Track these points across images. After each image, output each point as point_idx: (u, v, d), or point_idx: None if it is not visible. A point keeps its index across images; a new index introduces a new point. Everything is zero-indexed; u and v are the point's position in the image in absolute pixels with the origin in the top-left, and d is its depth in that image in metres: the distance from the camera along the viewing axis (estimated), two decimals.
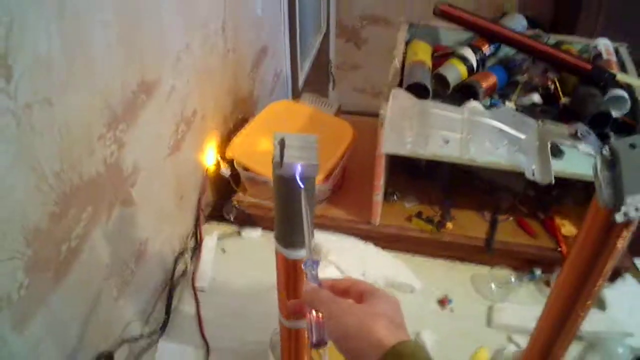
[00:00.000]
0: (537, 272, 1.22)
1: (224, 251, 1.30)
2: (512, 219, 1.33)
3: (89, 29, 0.80)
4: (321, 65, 2.77)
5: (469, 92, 1.22)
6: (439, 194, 1.39)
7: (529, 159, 0.75)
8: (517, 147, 0.77)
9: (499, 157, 0.78)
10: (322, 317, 0.55)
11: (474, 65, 1.26)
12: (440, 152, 0.90)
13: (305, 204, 0.64)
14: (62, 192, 0.79)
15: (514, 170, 1.09)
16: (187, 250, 1.28)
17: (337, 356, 1.07)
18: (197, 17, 1.20)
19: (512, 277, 1.21)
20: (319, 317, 0.55)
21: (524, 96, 1.25)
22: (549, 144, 0.75)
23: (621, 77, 1.18)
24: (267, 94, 1.85)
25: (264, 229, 1.35)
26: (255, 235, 1.34)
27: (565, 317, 0.76)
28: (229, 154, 1.33)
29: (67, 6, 0.74)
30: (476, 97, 1.20)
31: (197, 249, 1.28)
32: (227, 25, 1.37)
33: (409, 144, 0.92)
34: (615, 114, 1.13)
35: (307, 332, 0.56)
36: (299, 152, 0.67)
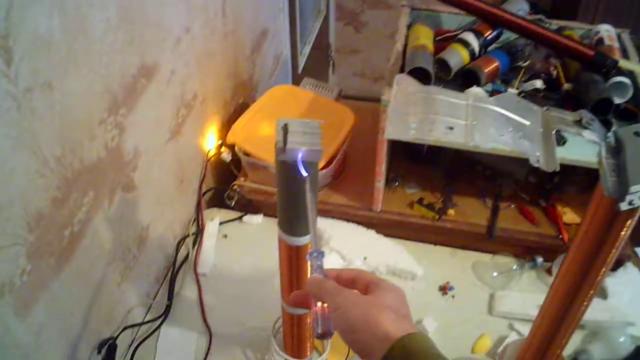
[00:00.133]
0: (539, 259, 1.22)
1: (225, 237, 1.30)
2: (513, 206, 1.33)
3: (88, 10, 0.79)
4: (321, 49, 2.75)
5: (470, 77, 1.21)
6: (440, 181, 1.39)
7: (533, 146, 0.75)
8: (521, 133, 0.76)
9: (504, 143, 0.78)
10: (328, 308, 0.54)
11: (476, 50, 1.25)
12: (444, 138, 0.89)
13: (309, 192, 0.63)
14: (63, 177, 0.79)
15: (518, 157, 1.08)
16: (188, 235, 1.28)
17: (340, 343, 1.07)
18: None
19: (514, 265, 1.21)
20: (325, 309, 0.54)
21: (526, 82, 1.25)
22: (554, 131, 0.75)
23: (623, 63, 1.17)
24: (267, 78, 1.83)
25: (265, 215, 1.35)
26: (256, 221, 1.34)
27: (568, 306, 0.77)
28: (230, 138, 1.32)
29: None
30: (478, 82, 1.20)
31: (199, 234, 1.28)
32: (227, 7, 1.35)
33: (413, 130, 0.91)
34: (617, 101, 1.13)
35: (312, 323, 0.55)
36: (302, 138, 0.66)
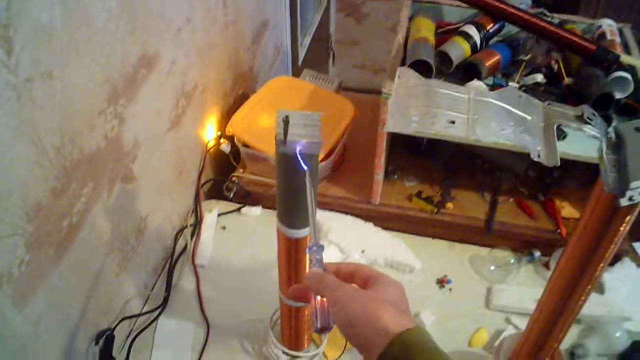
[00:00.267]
0: (536, 253, 1.22)
1: (224, 228, 1.30)
2: (512, 200, 1.33)
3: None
4: (321, 40, 2.74)
5: (471, 70, 1.21)
6: (439, 174, 1.38)
7: (534, 141, 0.75)
8: (522, 128, 0.76)
9: (505, 138, 0.77)
10: (327, 302, 0.54)
11: (478, 43, 1.25)
12: (445, 132, 0.89)
13: (309, 184, 0.63)
14: (62, 167, 0.78)
15: (518, 151, 1.08)
16: (187, 227, 1.28)
17: (337, 336, 1.08)
18: None
19: (511, 259, 1.21)
20: (324, 303, 0.54)
21: (527, 75, 1.24)
22: (555, 126, 0.75)
23: (625, 58, 1.17)
24: (267, 69, 1.83)
25: (264, 207, 1.35)
26: (255, 212, 1.34)
27: (565, 300, 0.77)
28: (229, 130, 1.32)
29: None
30: (479, 76, 1.19)
31: (197, 225, 1.28)
32: None
33: (414, 124, 0.91)
34: (618, 96, 1.13)
35: (312, 317, 0.55)
36: (302, 130, 0.66)
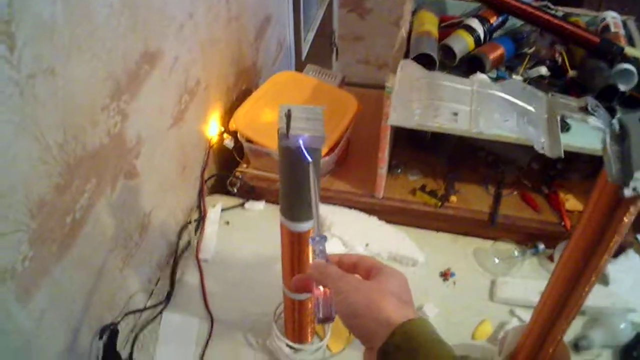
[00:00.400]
0: (541, 246, 1.22)
1: (227, 223, 1.30)
2: (516, 193, 1.33)
3: None
4: (324, 36, 2.73)
5: (475, 63, 1.20)
6: (443, 167, 1.38)
7: (538, 132, 0.74)
8: (526, 119, 0.76)
9: (508, 129, 0.77)
10: (330, 293, 0.54)
11: (481, 36, 1.25)
12: (449, 124, 0.89)
13: (313, 178, 0.63)
14: (65, 164, 0.79)
15: (522, 143, 1.08)
16: (191, 222, 1.28)
17: (340, 328, 1.08)
18: None
19: (515, 251, 1.21)
20: (326, 293, 0.54)
21: (531, 68, 1.24)
22: (559, 117, 0.74)
23: (629, 50, 1.17)
24: (270, 65, 1.83)
25: (267, 202, 1.35)
26: (258, 207, 1.34)
27: (569, 292, 0.76)
28: (233, 125, 1.32)
29: None
30: (483, 69, 1.19)
31: (201, 221, 1.28)
32: None
33: (417, 116, 0.91)
34: (622, 88, 1.12)
35: (314, 308, 0.55)
36: (305, 124, 0.66)
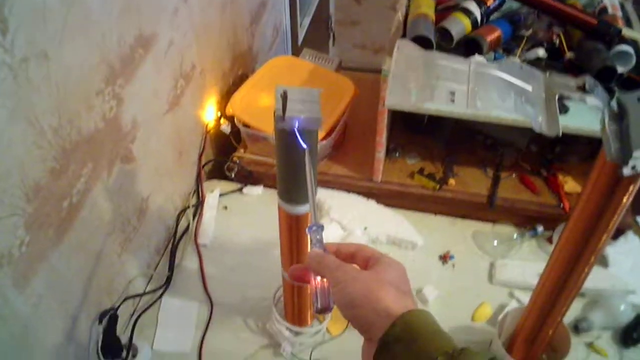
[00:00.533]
0: (539, 228, 1.22)
1: (225, 208, 1.30)
2: (514, 175, 1.32)
3: None
4: (321, 21, 2.72)
5: (473, 46, 1.19)
6: (441, 151, 1.38)
7: (535, 111, 0.74)
8: (523, 98, 0.75)
9: (506, 109, 0.77)
10: (328, 283, 0.54)
11: (478, 18, 1.23)
12: (445, 107, 0.88)
13: (309, 164, 0.62)
14: (61, 148, 0.78)
15: (520, 125, 1.07)
16: (189, 207, 1.28)
17: (340, 317, 1.08)
18: None
19: (514, 234, 1.21)
20: (324, 283, 0.54)
21: (528, 50, 1.23)
22: (556, 96, 0.74)
23: (627, 32, 1.16)
24: (266, 50, 1.81)
25: (265, 186, 1.35)
26: (256, 192, 1.34)
27: (568, 274, 0.76)
28: (229, 110, 1.31)
29: None
30: (480, 51, 1.18)
31: (199, 206, 1.28)
32: None
33: (414, 97, 0.90)
34: (620, 70, 1.11)
35: (312, 298, 0.55)
36: (301, 105, 0.65)
